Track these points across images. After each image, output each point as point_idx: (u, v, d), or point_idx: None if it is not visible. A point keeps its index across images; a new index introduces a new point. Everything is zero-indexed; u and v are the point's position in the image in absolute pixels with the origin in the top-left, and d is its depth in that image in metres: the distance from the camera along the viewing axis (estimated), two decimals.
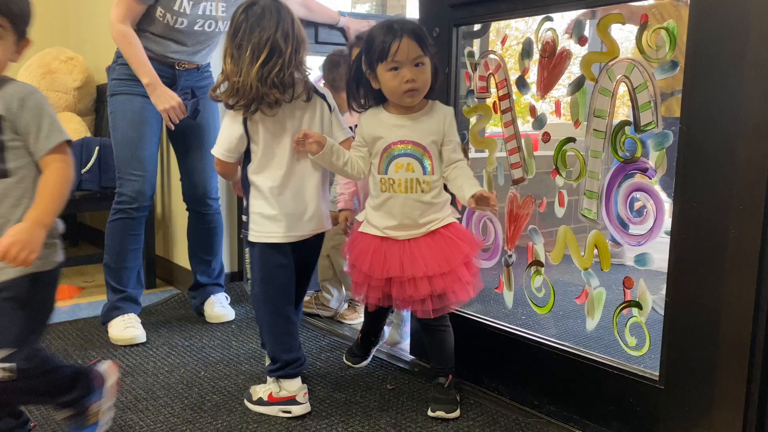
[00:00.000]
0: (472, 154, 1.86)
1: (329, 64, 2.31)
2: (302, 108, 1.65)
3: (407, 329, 2.10)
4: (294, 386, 1.62)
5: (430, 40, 1.60)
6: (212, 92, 1.67)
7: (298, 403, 1.61)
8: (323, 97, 1.70)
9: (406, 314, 2.11)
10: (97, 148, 2.72)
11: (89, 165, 2.70)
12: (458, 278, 1.58)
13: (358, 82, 1.67)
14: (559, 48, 1.58)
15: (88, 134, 3.25)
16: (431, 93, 1.63)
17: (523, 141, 1.70)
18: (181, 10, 2.10)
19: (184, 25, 2.13)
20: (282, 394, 1.62)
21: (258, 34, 1.55)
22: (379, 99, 1.66)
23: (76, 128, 3.24)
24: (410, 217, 1.60)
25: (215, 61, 2.35)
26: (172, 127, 2.16)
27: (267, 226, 1.63)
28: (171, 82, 2.20)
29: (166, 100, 2.11)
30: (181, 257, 2.80)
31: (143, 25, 2.15)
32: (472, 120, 1.84)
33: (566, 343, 1.62)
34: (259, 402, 1.64)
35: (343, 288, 2.42)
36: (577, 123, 1.54)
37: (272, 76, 1.55)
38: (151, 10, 2.11)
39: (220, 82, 1.63)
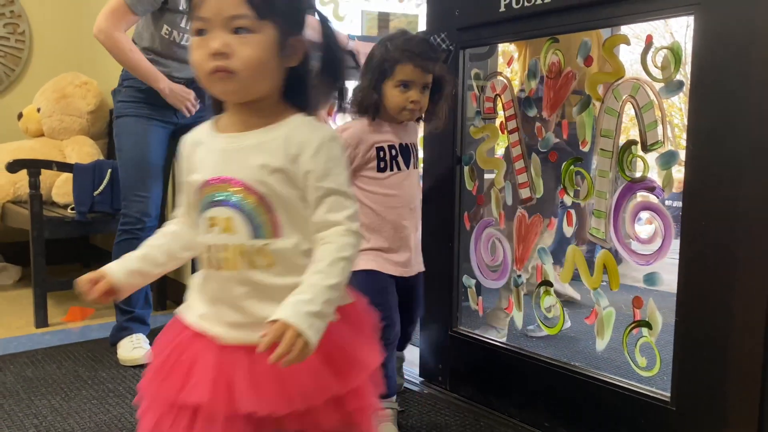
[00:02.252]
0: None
1: None
2: None
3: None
4: None
5: (303, 3, 1.03)
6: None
7: None
8: None
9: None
10: (109, 170, 2.75)
11: (101, 187, 2.73)
12: (317, 424, 0.97)
13: None
14: (564, 69, 1.60)
15: (101, 157, 3.29)
16: (298, 97, 1.00)
17: (530, 161, 1.71)
18: (187, 27, 2.15)
19: (190, 41, 2.19)
20: None
21: None
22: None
23: (89, 151, 3.29)
24: (236, 308, 0.95)
25: None
26: (188, 115, 2.23)
27: None
28: None
29: (183, 98, 2.20)
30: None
31: (145, 44, 2.20)
32: (483, 138, 1.85)
33: (576, 364, 1.60)
34: None
35: None
36: (583, 143, 1.54)
37: None
38: (155, 28, 2.16)
39: None
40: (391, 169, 1.61)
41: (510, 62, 1.93)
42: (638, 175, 1.44)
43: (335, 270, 0.91)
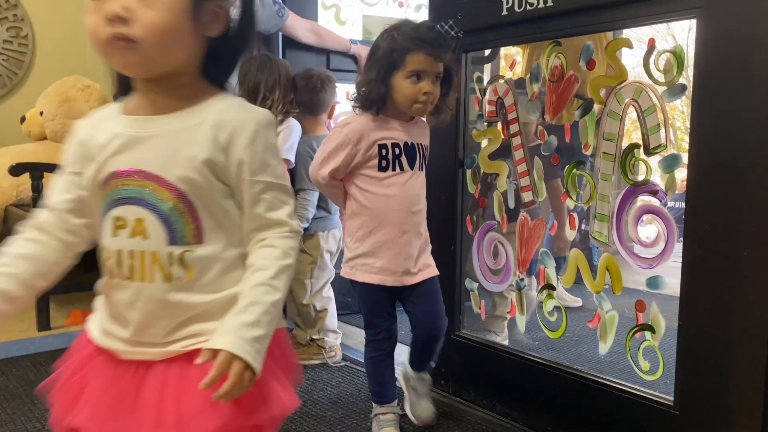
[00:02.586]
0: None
1: (309, 85, 2.16)
2: None
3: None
4: None
5: None
6: None
7: None
8: None
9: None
10: None
11: None
12: None
13: None
14: (567, 73, 1.60)
15: None
16: (222, 74, 0.87)
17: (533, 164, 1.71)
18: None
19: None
20: None
21: (251, 78, 2.05)
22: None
23: None
24: (143, 326, 0.83)
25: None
26: None
27: None
28: None
29: None
30: None
31: None
32: (483, 143, 1.85)
33: (579, 368, 1.60)
34: None
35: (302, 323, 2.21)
36: (586, 146, 1.54)
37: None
38: None
39: None
40: (393, 169, 1.53)
41: (512, 65, 1.93)
42: (641, 178, 1.44)
43: (280, 282, 0.81)
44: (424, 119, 1.64)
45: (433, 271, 1.61)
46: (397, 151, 1.53)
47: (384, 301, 1.59)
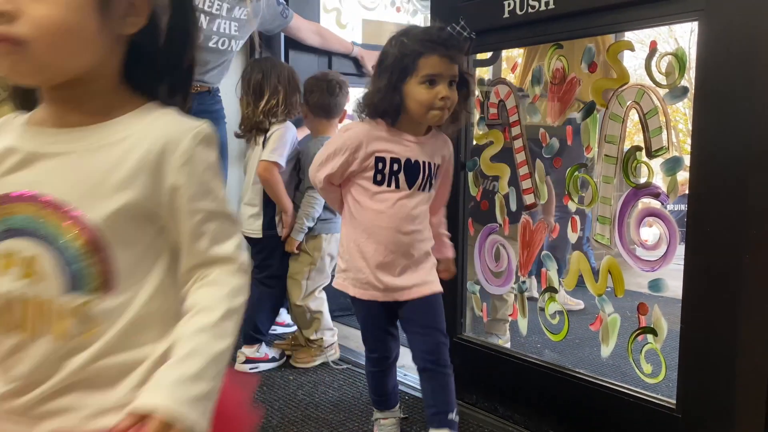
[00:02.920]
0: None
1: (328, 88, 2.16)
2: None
3: None
4: None
5: None
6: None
7: None
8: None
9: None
10: None
11: None
12: None
13: None
14: (569, 76, 1.60)
15: None
16: (147, 80, 0.72)
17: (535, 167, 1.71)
18: (199, 25, 2.15)
19: (200, 40, 2.17)
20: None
21: (254, 80, 2.12)
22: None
23: None
24: (28, 386, 0.66)
25: (228, 87, 2.38)
26: None
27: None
28: None
29: None
30: None
31: None
32: (487, 144, 1.85)
33: (581, 371, 1.60)
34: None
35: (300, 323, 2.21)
36: (588, 149, 1.54)
37: (268, 108, 2.10)
38: None
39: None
40: (389, 185, 1.42)
41: (514, 68, 1.93)
42: (643, 181, 1.44)
43: (228, 327, 0.66)
44: (444, 134, 1.51)
45: (431, 288, 1.48)
46: (395, 167, 1.42)
47: (381, 316, 1.51)
